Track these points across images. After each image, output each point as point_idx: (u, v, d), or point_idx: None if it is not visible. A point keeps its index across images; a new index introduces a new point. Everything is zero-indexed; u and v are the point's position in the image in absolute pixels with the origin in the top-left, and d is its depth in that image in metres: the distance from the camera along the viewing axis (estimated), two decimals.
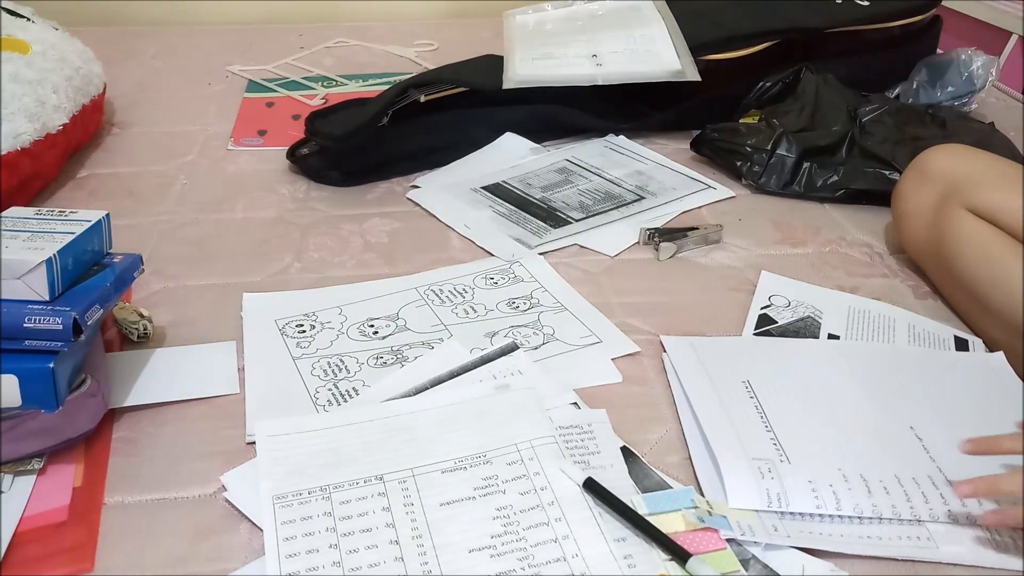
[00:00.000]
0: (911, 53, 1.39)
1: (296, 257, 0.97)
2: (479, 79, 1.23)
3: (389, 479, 0.65)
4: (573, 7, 1.40)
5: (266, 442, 0.67)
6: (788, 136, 1.13)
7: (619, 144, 1.25)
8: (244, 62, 1.54)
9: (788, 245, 1.02)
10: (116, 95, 1.35)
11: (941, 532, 0.62)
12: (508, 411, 0.71)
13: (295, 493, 0.63)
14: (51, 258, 0.66)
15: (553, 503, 0.63)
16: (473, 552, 0.59)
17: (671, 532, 0.60)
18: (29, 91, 1.03)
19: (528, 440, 0.68)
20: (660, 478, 0.66)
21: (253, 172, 1.17)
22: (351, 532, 0.60)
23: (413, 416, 0.71)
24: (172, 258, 0.95)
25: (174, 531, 0.62)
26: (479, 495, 0.64)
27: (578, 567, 0.58)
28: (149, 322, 0.81)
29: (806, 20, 1.31)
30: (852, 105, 1.19)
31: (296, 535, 0.60)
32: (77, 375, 0.68)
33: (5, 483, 0.65)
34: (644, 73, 1.23)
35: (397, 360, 0.80)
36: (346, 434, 0.69)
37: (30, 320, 0.64)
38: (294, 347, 0.81)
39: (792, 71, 1.25)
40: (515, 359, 0.79)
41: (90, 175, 1.14)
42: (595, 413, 0.72)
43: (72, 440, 0.67)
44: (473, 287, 0.91)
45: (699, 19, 1.33)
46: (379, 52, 1.63)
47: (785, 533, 0.62)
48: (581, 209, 1.07)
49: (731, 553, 0.60)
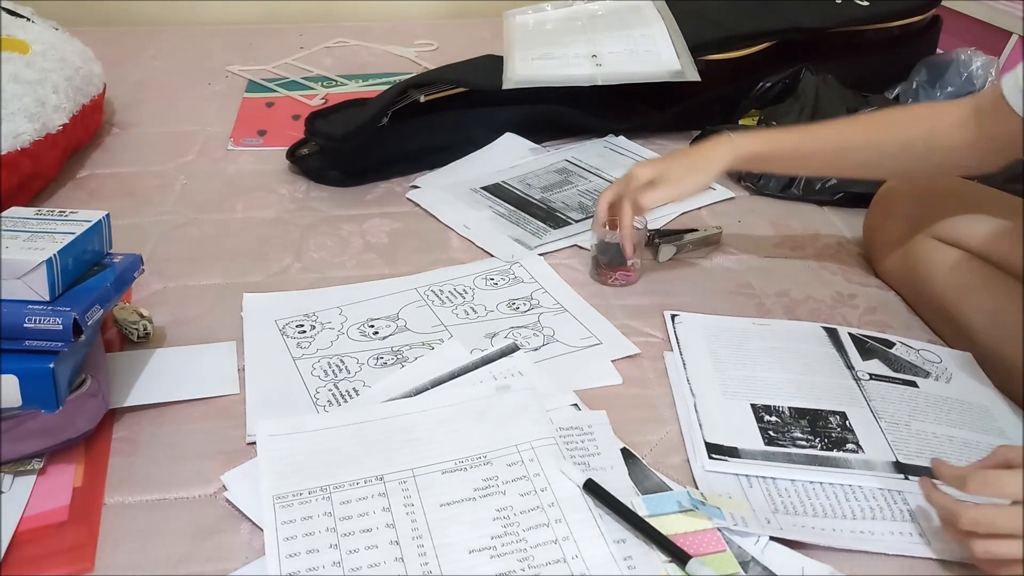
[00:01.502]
0: (911, 53, 1.39)
1: (296, 257, 0.97)
2: (479, 79, 1.23)
3: (389, 479, 0.65)
4: (573, 7, 1.40)
5: (267, 442, 0.67)
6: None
7: (619, 144, 1.25)
8: (244, 62, 1.54)
9: (787, 248, 1.02)
10: (116, 95, 1.35)
11: (934, 529, 0.63)
12: (508, 412, 0.71)
13: (295, 493, 0.63)
14: (51, 258, 0.66)
15: (553, 504, 0.63)
16: (473, 553, 0.59)
17: (671, 534, 0.60)
18: (29, 91, 1.03)
19: (528, 441, 0.68)
20: (660, 480, 0.67)
21: (253, 172, 1.17)
22: (351, 532, 0.60)
23: (413, 416, 0.71)
24: (172, 258, 0.95)
25: (174, 531, 0.62)
26: (479, 496, 0.64)
27: (578, 568, 0.59)
28: (149, 322, 0.81)
29: (806, 20, 1.31)
30: (851, 106, 1.19)
31: (296, 535, 0.60)
32: (77, 375, 0.68)
33: (5, 483, 0.65)
34: (644, 73, 1.24)
35: (397, 360, 0.80)
36: (346, 434, 0.69)
37: (30, 320, 0.64)
38: (294, 347, 0.81)
39: (792, 71, 1.25)
40: (515, 360, 0.79)
41: (90, 175, 1.14)
42: (595, 415, 0.72)
43: (72, 440, 0.67)
44: (473, 288, 0.92)
45: (699, 19, 1.33)
46: (379, 52, 1.63)
47: (778, 526, 0.63)
48: (581, 210, 1.07)
49: (731, 555, 0.60)
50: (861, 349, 0.83)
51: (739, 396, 0.76)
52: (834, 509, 0.65)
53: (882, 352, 0.83)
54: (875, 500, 0.66)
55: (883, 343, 0.85)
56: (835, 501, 0.66)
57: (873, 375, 0.79)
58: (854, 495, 0.66)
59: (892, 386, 0.78)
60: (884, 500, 0.66)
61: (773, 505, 0.65)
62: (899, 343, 0.85)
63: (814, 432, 0.72)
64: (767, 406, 0.75)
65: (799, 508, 0.65)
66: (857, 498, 0.66)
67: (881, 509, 0.65)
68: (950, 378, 0.80)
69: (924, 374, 0.80)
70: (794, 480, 0.68)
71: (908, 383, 0.79)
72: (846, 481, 0.67)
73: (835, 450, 0.70)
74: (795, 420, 0.73)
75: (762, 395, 0.76)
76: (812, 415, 0.74)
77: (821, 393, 0.77)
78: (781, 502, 0.66)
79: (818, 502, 0.66)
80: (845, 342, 0.84)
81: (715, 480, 0.67)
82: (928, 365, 0.82)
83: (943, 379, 0.80)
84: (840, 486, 0.67)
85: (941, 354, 0.84)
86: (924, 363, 0.82)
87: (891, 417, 0.74)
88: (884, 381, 0.79)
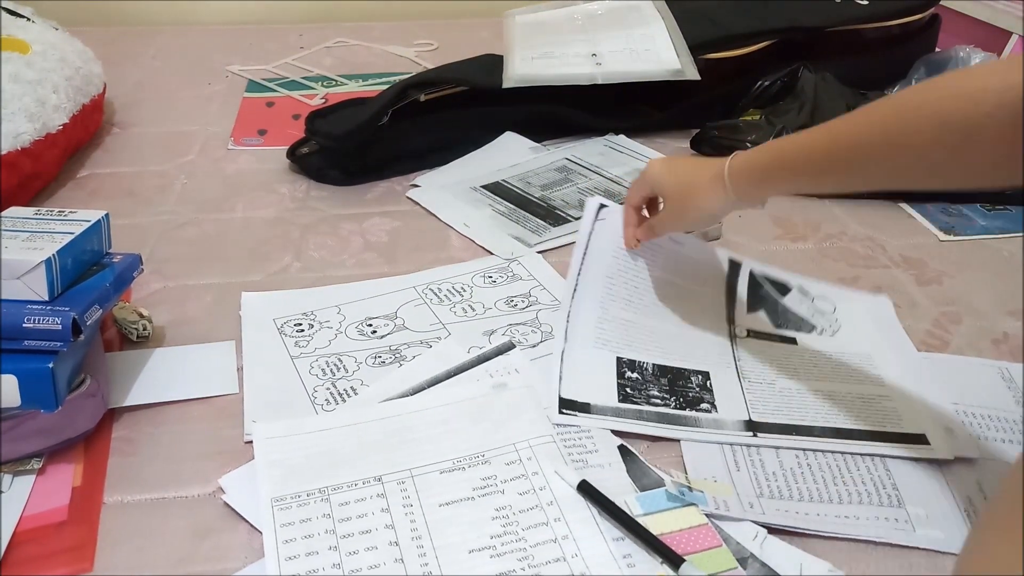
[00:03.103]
0: (910, 52, 1.39)
1: (296, 257, 0.97)
2: (479, 78, 1.23)
3: (388, 480, 0.65)
4: (573, 7, 1.40)
5: (264, 444, 0.67)
6: (788, 133, 1.13)
7: (619, 143, 1.25)
8: (244, 62, 1.54)
9: (788, 240, 1.02)
10: (116, 95, 1.35)
11: (920, 515, 0.63)
12: (505, 410, 0.71)
13: (294, 495, 0.63)
14: (50, 258, 0.66)
15: (552, 503, 0.63)
16: (473, 553, 0.59)
17: (667, 531, 0.60)
18: (29, 91, 1.03)
19: (526, 440, 0.68)
20: (658, 476, 0.67)
21: (253, 172, 1.17)
22: (350, 534, 0.60)
23: (410, 416, 0.71)
24: (172, 258, 0.96)
25: (174, 531, 0.62)
26: (478, 495, 0.64)
27: (578, 567, 0.59)
28: (149, 322, 0.81)
29: (805, 19, 1.31)
30: (851, 103, 1.19)
31: (296, 537, 0.60)
32: (77, 375, 0.68)
33: (5, 483, 0.65)
34: (644, 72, 1.24)
35: (395, 359, 0.80)
36: (343, 435, 0.69)
37: (29, 320, 0.64)
38: (293, 346, 0.81)
39: (790, 70, 1.25)
40: (511, 358, 0.79)
41: (90, 175, 1.14)
42: None
43: (72, 440, 0.67)
44: (471, 286, 0.92)
45: (699, 18, 1.33)
46: (379, 52, 1.63)
47: (760, 510, 0.63)
48: (581, 208, 1.07)
49: (727, 551, 0.60)
50: (753, 296, 0.82)
51: (608, 346, 0.76)
52: (820, 493, 0.65)
53: (772, 301, 0.81)
54: (863, 485, 0.66)
55: (779, 287, 0.82)
56: (822, 485, 0.66)
57: (750, 331, 0.79)
58: (842, 479, 0.67)
59: (767, 343, 0.78)
60: (872, 485, 0.66)
61: (759, 489, 0.65)
62: (797, 288, 0.82)
63: (672, 391, 0.73)
64: (631, 361, 0.75)
65: (784, 492, 0.65)
66: (845, 482, 0.66)
67: (869, 495, 0.65)
68: (837, 330, 0.79)
69: (808, 328, 0.79)
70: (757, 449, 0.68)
71: (786, 339, 0.78)
72: (688, 437, 0.69)
73: (688, 409, 0.71)
74: (655, 378, 0.74)
75: (631, 347, 0.77)
76: (674, 374, 0.75)
77: (690, 351, 0.77)
78: (767, 486, 0.66)
79: (804, 486, 0.66)
80: (740, 284, 0.82)
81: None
82: (816, 316, 0.80)
83: (828, 332, 0.78)
84: (828, 469, 0.67)
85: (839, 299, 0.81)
86: (813, 314, 0.80)
87: (756, 377, 0.75)
88: (760, 338, 0.79)
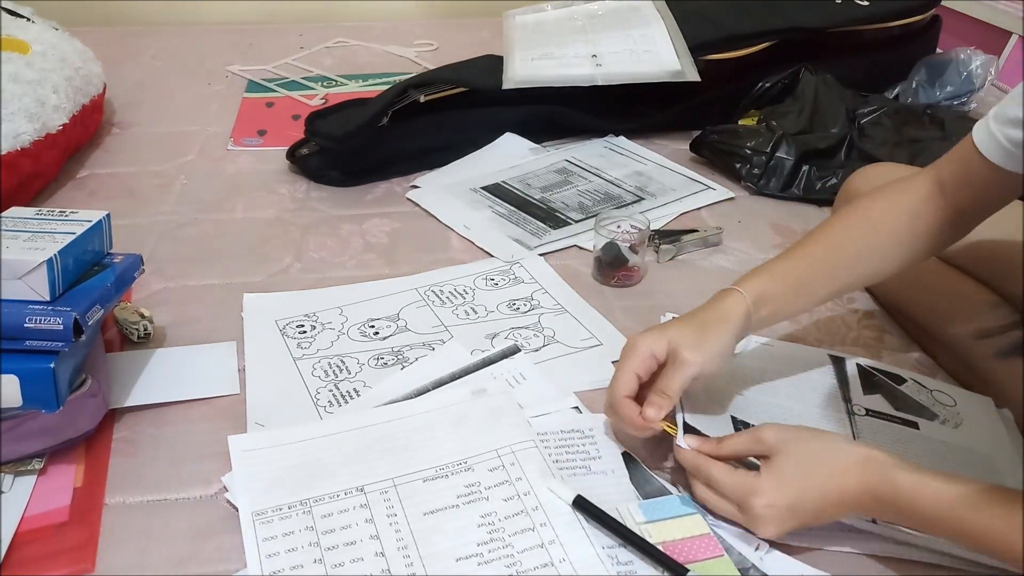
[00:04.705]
0: (910, 53, 1.40)
1: (296, 257, 0.97)
2: (479, 79, 1.23)
3: (370, 490, 0.64)
4: (573, 7, 1.40)
5: (241, 457, 0.66)
6: (787, 139, 1.13)
7: (619, 144, 1.25)
8: (244, 62, 1.54)
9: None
10: (116, 95, 1.34)
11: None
12: (486, 417, 0.71)
13: (275, 508, 0.62)
14: (52, 258, 0.66)
15: (537, 508, 0.62)
16: (460, 560, 0.59)
17: (669, 540, 0.60)
18: (29, 91, 1.03)
19: (508, 445, 0.68)
20: (661, 484, 0.66)
21: (253, 172, 1.17)
22: (335, 546, 0.59)
23: (390, 425, 0.70)
24: (172, 258, 0.95)
25: (175, 532, 0.62)
26: (463, 503, 0.63)
27: (566, 571, 0.58)
28: (150, 322, 0.81)
29: (805, 20, 1.31)
30: (851, 106, 1.19)
31: (279, 551, 0.59)
32: (78, 375, 0.68)
33: (6, 483, 0.65)
34: (644, 73, 1.24)
35: (398, 361, 0.80)
36: (323, 446, 0.68)
37: (31, 320, 0.64)
38: (295, 347, 0.81)
39: (791, 71, 1.25)
40: (517, 362, 0.79)
41: (90, 175, 1.14)
42: (596, 418, 0.72)
43: (73, 440, 0.67)
44: (474, 288, 0.91)
45: (699, 19, 1.33)
46: (379, 52, 1.63)
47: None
48: (581, 210, 1.07)
49: (729, 561, 0.59)
50: (866, 382, 0.78)
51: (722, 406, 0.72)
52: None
53: (889, 388, 0.78)
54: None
55: (893, 378, 0.79)
56: None
57: (871, 411, 0.75)
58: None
59: (888, 424, 0.73)
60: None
61: None
62: (911, 380, 0.79)
63: None
64: (747, 423, 0.70)
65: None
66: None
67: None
68: (959, 423, 0.74)
69: (931, 416, 0.75)
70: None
71: (909, 423, 0.74)
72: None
73: None
74: None
75: (745, 412, 0.72)
76: None
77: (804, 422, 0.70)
78: None
79: None
80: (850, 372, 0.79)
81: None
82: (938, 407, 0.76)
83: (951, 423, 0.74)
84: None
85: (956, 396, 0.78)
86: (934, 404, 0.76)
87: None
88: (881, 418, 0.74)
